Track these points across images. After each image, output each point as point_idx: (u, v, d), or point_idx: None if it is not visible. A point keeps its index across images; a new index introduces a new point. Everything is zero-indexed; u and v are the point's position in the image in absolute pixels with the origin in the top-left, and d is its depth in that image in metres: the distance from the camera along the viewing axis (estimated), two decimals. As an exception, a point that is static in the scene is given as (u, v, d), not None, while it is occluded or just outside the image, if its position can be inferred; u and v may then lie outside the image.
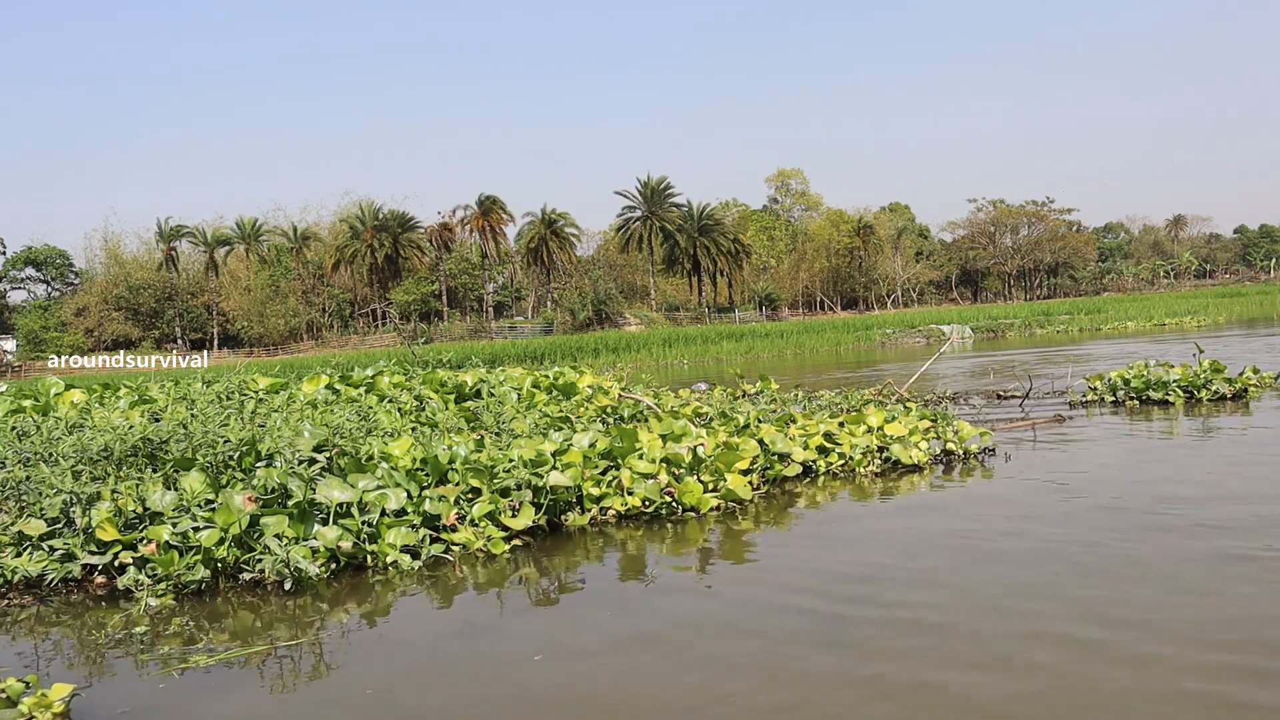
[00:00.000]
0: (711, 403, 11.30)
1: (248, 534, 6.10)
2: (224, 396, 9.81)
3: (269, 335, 78.45)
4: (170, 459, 6.87)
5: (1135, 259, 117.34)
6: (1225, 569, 5.28)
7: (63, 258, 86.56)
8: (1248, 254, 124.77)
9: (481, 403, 9.90)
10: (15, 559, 6.07)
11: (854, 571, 5.78)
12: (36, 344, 74.57)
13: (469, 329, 74.68)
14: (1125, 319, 43.76)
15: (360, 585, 6.03)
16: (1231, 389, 12.29)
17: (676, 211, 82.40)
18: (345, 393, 10.37)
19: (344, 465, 6.95)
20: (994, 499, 7.63)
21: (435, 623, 5.38)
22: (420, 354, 15.35)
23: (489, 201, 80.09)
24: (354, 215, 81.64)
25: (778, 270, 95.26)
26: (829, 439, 9.01)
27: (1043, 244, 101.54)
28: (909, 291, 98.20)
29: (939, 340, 39.40)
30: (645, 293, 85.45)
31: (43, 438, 7.54)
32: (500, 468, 7.05)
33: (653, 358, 39.20)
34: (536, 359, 39.18)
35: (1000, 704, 3.82)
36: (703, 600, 5.49)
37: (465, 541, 6.52)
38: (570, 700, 4.13)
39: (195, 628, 5.34)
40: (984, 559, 5.84)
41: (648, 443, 7.81)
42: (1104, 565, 5.50)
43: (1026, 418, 11.70)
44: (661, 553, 6.54)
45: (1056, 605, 4.89)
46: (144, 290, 79.42)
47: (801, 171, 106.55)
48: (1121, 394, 12.72)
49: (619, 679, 4.34)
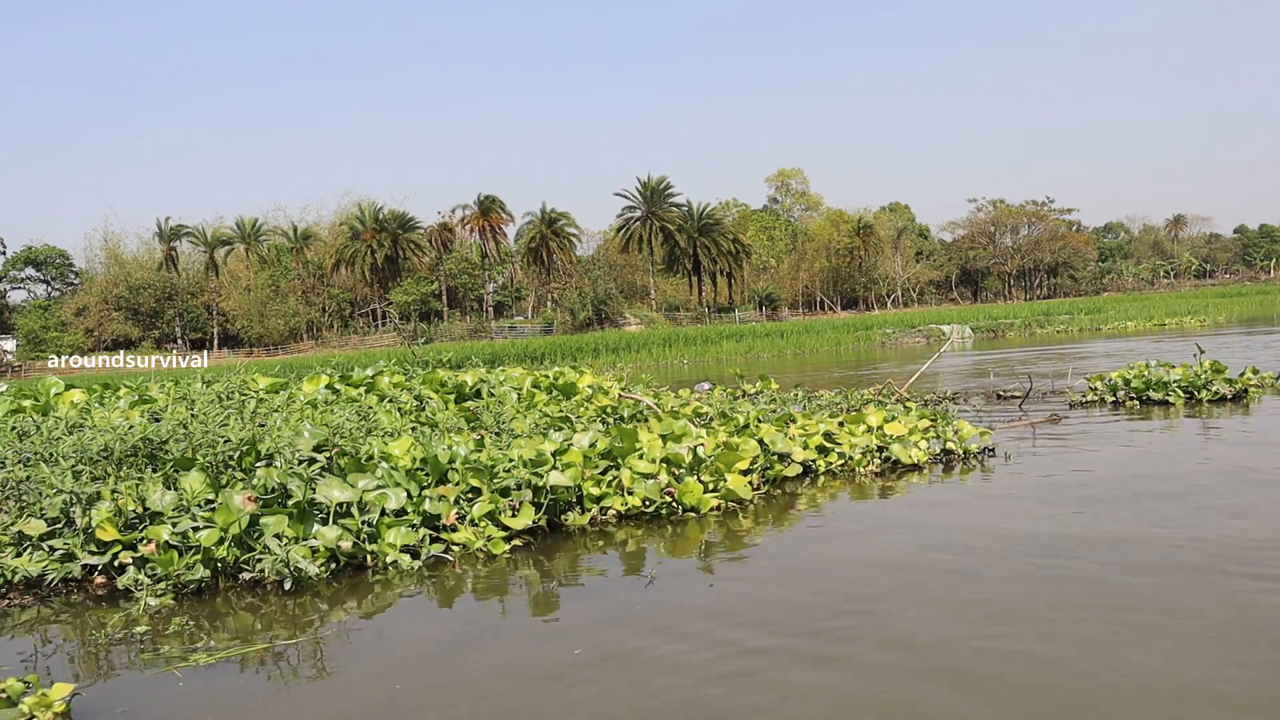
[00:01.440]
0: (711, 403, 11.31)
1: (247, 534, 6.10)
2: (224, 396, 9.81)
3: (269, 335, 78.47)
4: (170, 459, 6.87)
5: (1135, 259, 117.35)
6: (1224, 568, 5.28)
7: (63, 258, 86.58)
8: (1248, 254, 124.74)
9: (481, 403, 9.90)
10: (15, 559, 6.07)
11: (854, 572, 5.78)
12: (36, 344, 74.59)
13: (469, 329, 74.70)
14: (1125, 319, 43.76)
15: (360, 585, 6.03)
16: (1232, 389, 12.29)
17: (676, 211, 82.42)
18: (345, 393, 10.37)
19: (344, 465, 6.96)
20: (994, 499, 7.63)
21: (435, 622, 5.38)
22: (420, 354, 15.34)
23: (489, 201, 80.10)
24: (354, 215, 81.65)
25: (778, 270, 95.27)
26: (829, 439, 9.01)
27: (1043, 244, 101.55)
28: (909, 291, 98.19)
29: (939, 340, 39.39)
30: (645, 293, 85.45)
31: (43, 438, 7.54)
32: (500, 467, 7.05)
33: (653, 358, 39.21)
34: (536, 359, 39.18)
35: (997, 707, 3.82)
36: (702, 600, 5.49)
37: (465, 541, 6.52)
38: (570, 700, 4.13)
39: (195, 627, 5.34)
40: (983, 559, 5.84)
41: (648, 443, 7.81)
42: (1105, 565, 5.50)
43: (1026, 417, 11.70)
44: (662, 553, 6.53)
45: (1055, 606, 4.89)
46: (144, 290, 79.45)
47: (801, 171, 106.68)
48: (1122, 394, 12.73)
49: (618, 679, 4.34)
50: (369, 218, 79.84)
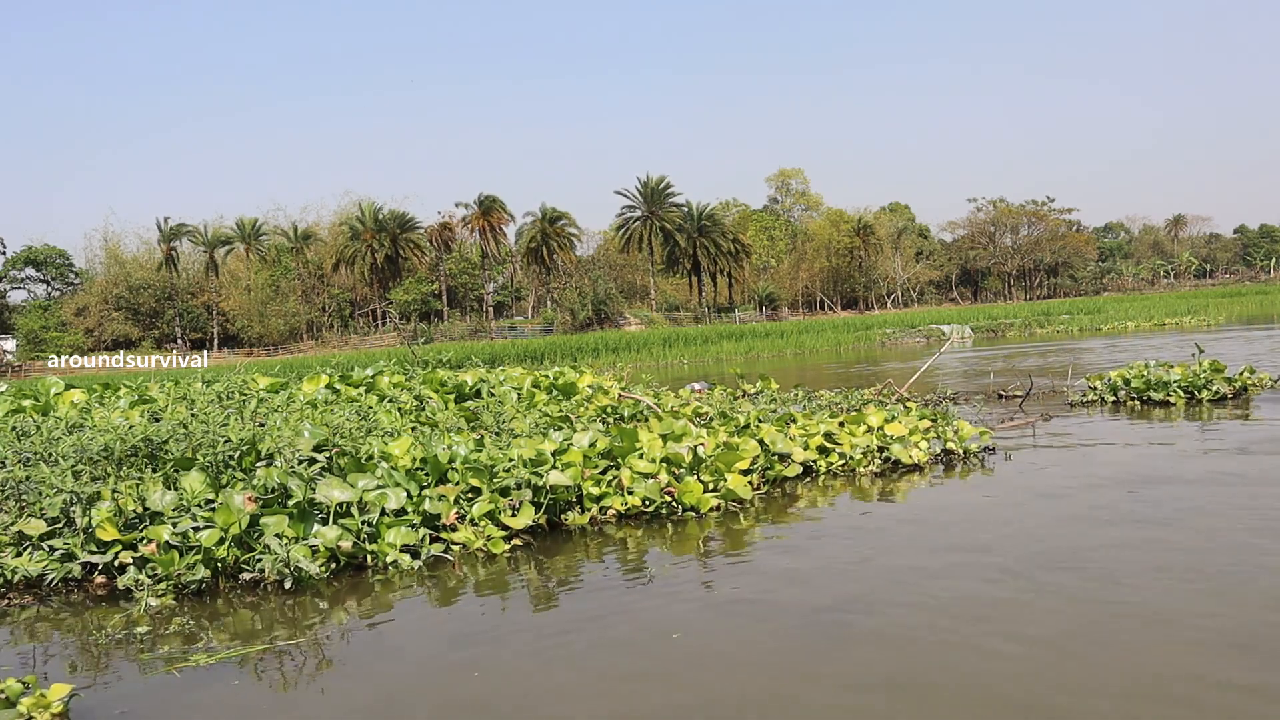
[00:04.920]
0: (711, 403, 11.30)
1: (248, 534, 6.09)
2: (224, 396, 9.80)
3: (269, 335, 78.43)
4: (170, 459, 6.87)
5: (1135, 259, 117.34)
6: (1225, 568, 5.28)
7: (63, 258, 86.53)
8: (1248, 254, 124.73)
9: (481, 402, 9.89)
10: (15, 559, 6.07)
11: (854, 572, 5.78)
12: (36, 344, 74.55)
13: (469, 329, 74.68)
14: (1125, 319, 43.74)
15: (360, 584, 6.03)
16: (1232, 389, 12.33)
17: (676, 211, 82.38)
18: (345, 392, 10.36)
19: (344, 465, 6.95)
20: (993, 499, 7.63)
21: (435, 622, 5.38)
22: (420, 354, 15.32)
23: (489, 201, 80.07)
24: (354, 215, 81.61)
25: (778, 270, 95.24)
26: (829, 439, 9.01)
27: (1043, 244, 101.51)
28: (909, 291, 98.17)
29: (939, 340, 39.37)
30: (645, 293, 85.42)
31: (43, 438, 7.53)
32: (500, 467, 7.05)
33: (653, 358, 39.19)
34: (536, 359, 39.18)
35: (994, 709, 3.81)
36: (702, 600, 5.48)
37: (465, 541, 6.52)
38: (569, 701, 4.13)
39: (195, 627, 5.33)
40: (982, 559, 5.84)
41: (648, 442, 7.81)
42: (1103, 567, 5.49)
43: (1024, 416, 11.69)
44: (662, 552, 6.53)
45: (1054, 608, 4.89)
46: (144, 290, 79.39)
47: (801, 171, 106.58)
48: (1122, 394, 12.73)
49: (617, 680, 4.34)
50: (369, 218, 79.79)
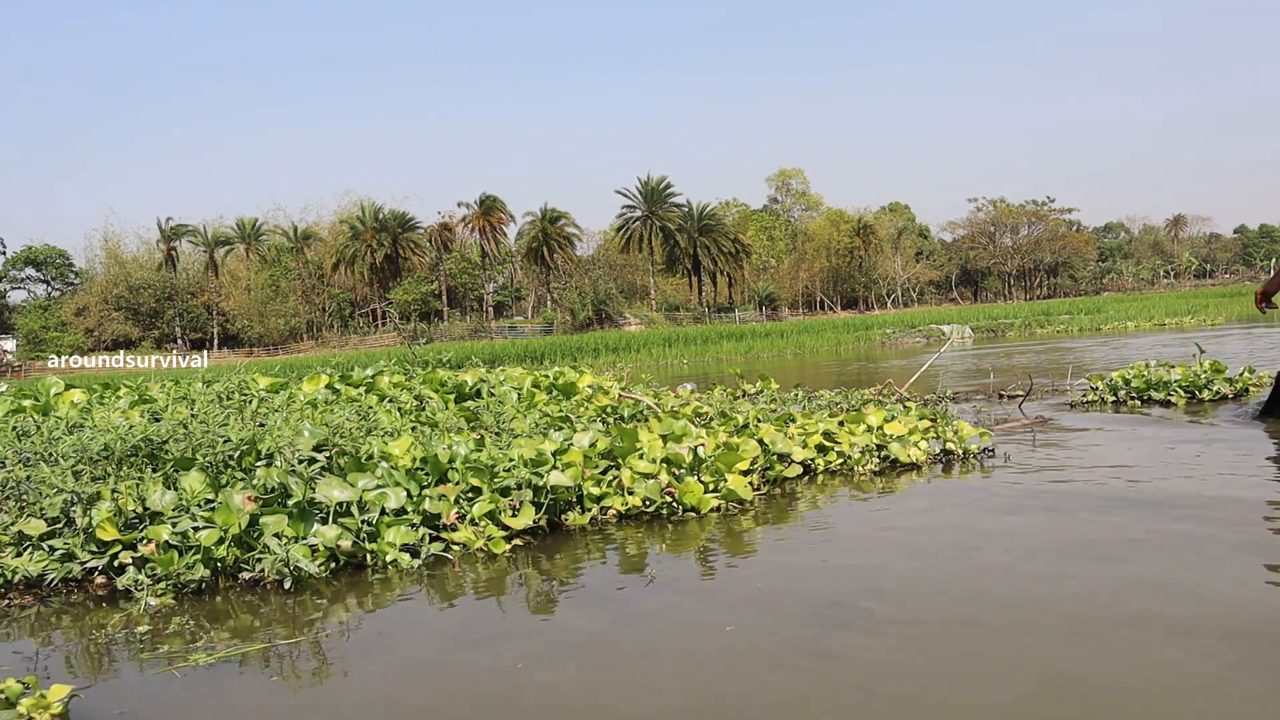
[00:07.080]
0: (711, 403, 11.30)
1: (247, 533, 6.09)
2: (224, 396, 9.80)
3: (269, 335, 78.45)
4: (170, 459, 6.87)
5: (1135, 259, 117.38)
6: (1226, 567, 5.28)
7: (63, 258, 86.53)
8: (1248, 254, 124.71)
9: (481, 402, 9.89)
10: (15, 559, 6.06)
11: (854, 572, 5.78)
12: (36, 344, 74.56)
13: (469, 329, 74.71)
14: (1125, 319, 43.74)
15: (360, 584, 6.03)
16: (1233, 389, 12.34)
17: (676, 211, 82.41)
18: (345, 392, 10.36)
19: (344, 464, 6.95)
20: (992, 498, 7.63)
21: (435, 621, 5.38)
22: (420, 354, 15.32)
23: (489, 201, 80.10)
24: (354, 215, 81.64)
25: (778, 270, 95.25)
26: (828, 438, 9.01)
27: (1043, 244, 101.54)
28: (909, 291, 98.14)
29: (939, 340, 39.36)
30: (645, 293, 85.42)
31: (43, 437, 7.53)
32: (500, 467, 7.05)
33: (653, 358, 39.17)
34: (536, 359, 39.16)
35: (991, 712, 3.81)
36: (702, 600, 5.49)
37: (465, 540, 6.52)
38: (569, 701, 4.13)
39: (195, 627, 5.33)
40: (980, 559, 5.84)
41: (648, 443, 7.81)
42: (1104, 567, 5.49)
43: (1023, 417, 11.69)
44: (662, 552, 6.53)
45: (1052, 607, 4.89)
46: (144, 290, 79.42)
47: (802, 171, 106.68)
48: (1123, 394, 12.73)
49: (617, 680, 4.34)
50: (369, 217, 79.83)
